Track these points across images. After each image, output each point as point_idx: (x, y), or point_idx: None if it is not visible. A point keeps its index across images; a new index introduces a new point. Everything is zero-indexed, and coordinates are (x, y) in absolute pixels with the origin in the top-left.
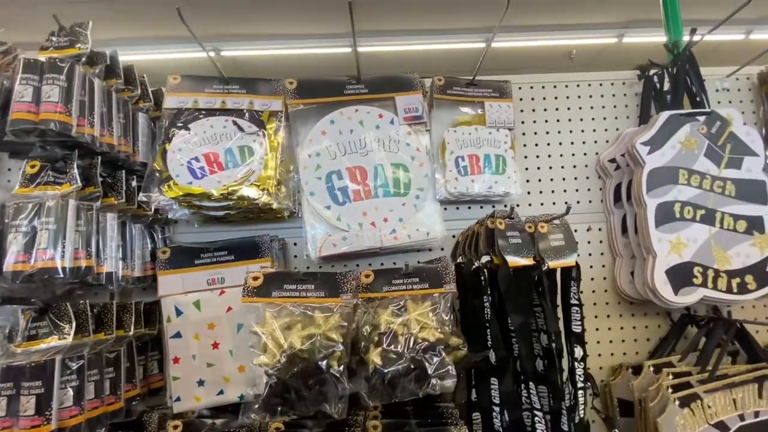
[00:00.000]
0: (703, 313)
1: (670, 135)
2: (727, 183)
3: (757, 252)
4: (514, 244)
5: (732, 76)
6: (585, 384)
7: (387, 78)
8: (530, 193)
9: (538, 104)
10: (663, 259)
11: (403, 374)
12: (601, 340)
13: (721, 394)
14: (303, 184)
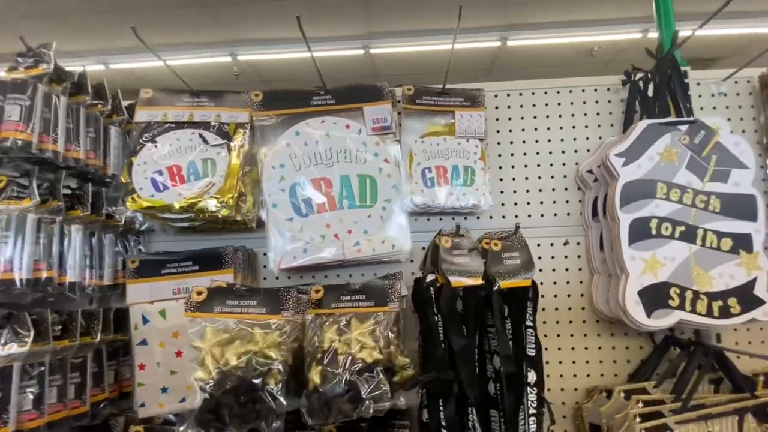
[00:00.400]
0: (689, 336)
1: (648, 146)
2: (711, 197)
3: (744, 273)
4: (459, 263)
5: (729, 79)
6: (538, 410)
7: (355, 87)
8: (504, 205)
9: (516, 112)
10: (636, 279)
11: (339, 395)
12: (577, 360)
13: (695, 425)
14: (266, 196)
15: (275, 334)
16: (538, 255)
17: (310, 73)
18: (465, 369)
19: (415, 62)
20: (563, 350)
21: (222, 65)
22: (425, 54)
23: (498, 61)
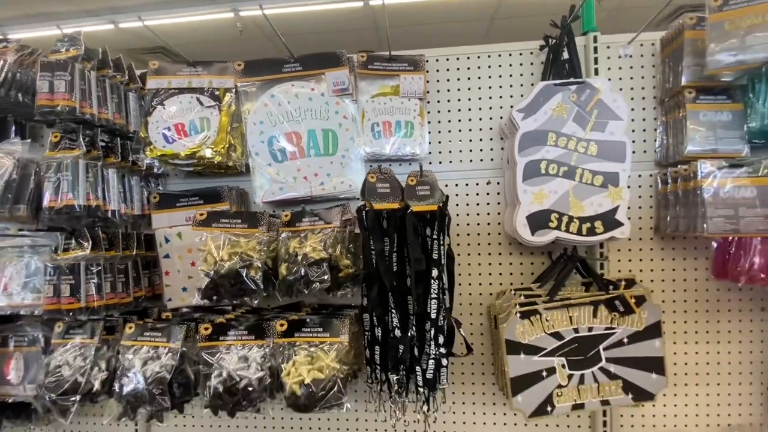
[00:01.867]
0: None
1: (543, 103)
2: (590, 144)
3: (609, 202)
4: (382, 193)
5: (634, 42)
6: (438, 296)
7: (318, 55)
8: (441, 153)
9: (452, 74)
10: (526, 207)
11: (297, 280)
12: (493, 272)
13: (559, 312)
14: (250, 146)
15: (254, 241)
16: (467, 192)
17: (311, 26)
18: (382, 265)
19: (415, 12)
20: (482, 264)
21: (225, 21)
22: (427, 5)
23: (500, 11)
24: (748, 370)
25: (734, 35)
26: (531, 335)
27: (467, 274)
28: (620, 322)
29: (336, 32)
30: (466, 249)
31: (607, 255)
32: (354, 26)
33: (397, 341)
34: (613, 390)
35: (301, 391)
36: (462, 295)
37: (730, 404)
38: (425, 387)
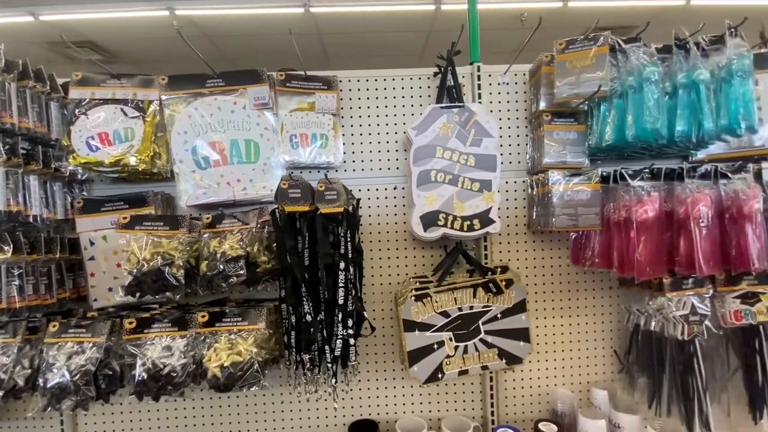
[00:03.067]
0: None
1: (432, 122)
2: (469, 156)
3: (484, 204)
4: (293, 197)
5: (510, 72)
6: (346, 286)
7: (240, 72)
8: (355, 162)
9: (363, 94)
10: (419, 209)
11: (215, 275)
12: (400, 264)
13: (446, 294)
14: (174, 154)
15: (176, 241)
16: (377, 196)
17: (251, 28)
18: (294, 260)
19: (356, 22)
20: (391, 258)
21: (161, 19)
22: (366, 14)
23: (436, 23)
24: (601, 337)
25: (572, 73)
26: (424, 315)
27: (378, 266)
28: (494, 300)
29: (279, 35)
30: (377, 245)
31: (489, 246)
32: (296, 30)
33: (308, 325)
34: (490, 357)
35: (221, 374)
36: (374, 285)
37: (589, 366)
38: (333, 363)
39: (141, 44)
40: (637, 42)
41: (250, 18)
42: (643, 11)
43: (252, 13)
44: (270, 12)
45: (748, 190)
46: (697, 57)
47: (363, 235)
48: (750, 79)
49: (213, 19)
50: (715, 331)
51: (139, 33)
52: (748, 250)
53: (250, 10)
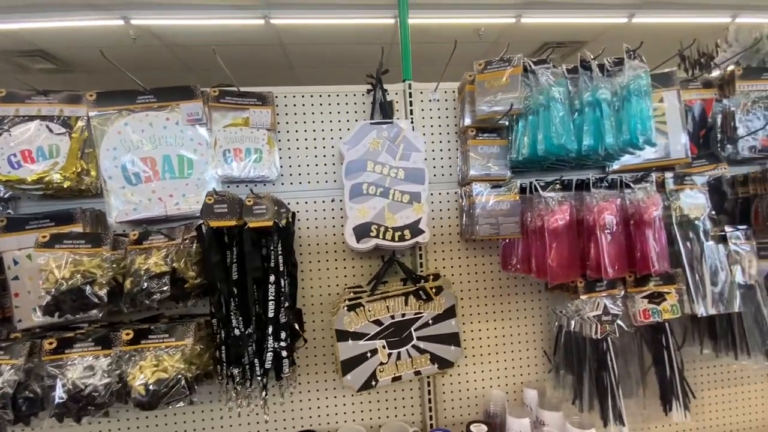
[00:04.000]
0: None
1: (362, 137)
2: (399, 170)
3: (414, 215)
4: (219, 212)
5: (440, 89)
6: (276, 299)
7: (173, 88)
8: (292, 175)
9: (300, 109)
10: (352, 220)
11: (138, 292)
12: (339, 275)
13: (378, 303)
14: (103, 171)
15: (98, 259)
16: (315, 208)
17: (212, 39)
18: (220, 274)
19: (319, 33)
20: (330, 269)
21: (117, 29)
22: (327, 26)
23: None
24: (533, 338)
25: (491, 92)
26: (357, 324)
27: (318, 278)
28: (425, 307)
29: (242, 46)
30: (316, 256)
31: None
32: (260, 41)
33: (237, 339)
34: (423, 362)
35: (145, 391)
36: (314, 296)
37: (522, 366)
38: (263, 377)
39: (96, 53)
40: (546, 64)
41: (210, 28)
42: (591, 27)
43: (211, 24)
44: (230, 23)
45: (648, 199)
46: (600, 77)
47: (302, 247)
48: (647, 97)
49: (171, 29)
50: (628, 330)
51: (94, 42)
52: (649, 254)
53: (209, 20)
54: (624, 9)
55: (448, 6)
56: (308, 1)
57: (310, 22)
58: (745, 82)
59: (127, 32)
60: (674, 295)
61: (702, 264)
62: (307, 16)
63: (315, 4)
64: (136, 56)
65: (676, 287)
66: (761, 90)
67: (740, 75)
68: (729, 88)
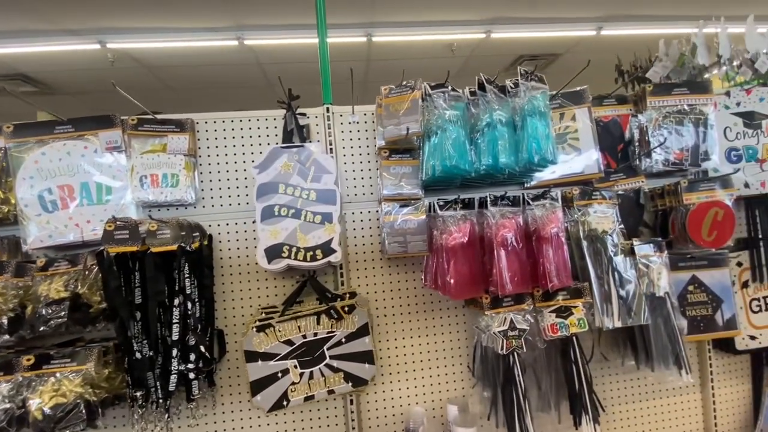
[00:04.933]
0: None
1: (273, 161)
2: (311, 192)
3: (326, 235)
4: (119, 238)
5: (360, 112)
6: (180, 321)
7: (93, 117)
8: (213, 198)
9: (220, 134)
10: (263, 242)
11: (37, 318)
12: (261, 295)
13: (289, 323)
14: (19, 199)
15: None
16: (236, 230)
17: (189, 60)
18: (119, 299)
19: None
20: (252, 289)
21: (95, 52)
22: (302, 45)
23: (372, 54)
24: (457, 354)
25: (395, 115)
26: (266, 344)
27: (239, 298)
28: (338, 326)
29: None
30: (237, 277)
31: (343, 273)
32: (237, 61)
33: (138, 363)
34: (336, 381)
35: (41, 416)
36: (236, 317)
37: (448, 382)
38: (165, 399)
39: (77, 75)
40: (444, 88)
41: (187, 50)
42: (562, 40)
43: (188, 45)
44: (206, 44)
45: (547, 215)
46: (494, 100)
47: (223, 268)
48: (543, 118)
49: (147, 51)
50: (540, 345)
51: (74, 65)
52: (547, 269)
53: (184, 42)
54: (591, 22)
55: (417, 24)
56: (280, 23)
57: (284, 42)
58: (656, 98)
59: (105, 55)
60: (581, 309)
61: (609, 277)
62: (279, 37)
63: (286, 25)
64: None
65: (583, 301)
66: (672, 105)
67: (651, 91)
68: (642, 104)
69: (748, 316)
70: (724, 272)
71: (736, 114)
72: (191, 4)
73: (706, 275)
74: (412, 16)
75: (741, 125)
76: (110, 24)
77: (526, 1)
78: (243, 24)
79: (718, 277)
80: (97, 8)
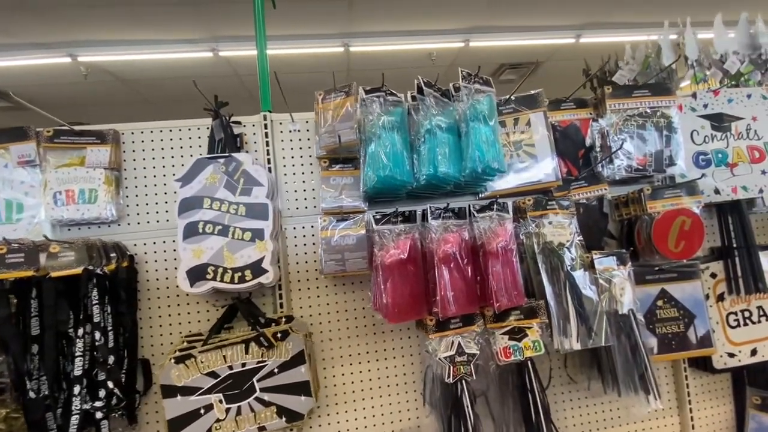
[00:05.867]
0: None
1: (198, 173)
2: (240, 206)
3: (257, 253)
4: (12, 263)
5: (302, 120)
6: (83, 353)
7: (4, 130)
8: (139, 215)
9: (147, 145)
10: (186, 263)
11: None
12: (192, 320)
13: (214, 353)
14: None
15: None
16: (164, 249)
17: (165, 72)
18: (8, 330)
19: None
20: (182, 314)
21: (67, 66)
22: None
23: (352, 63)
24: (410, 380)
25: (330, 123)
26: (187, 377)
27: (167, 324)
28: (269, 355)
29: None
30: (165, 301)
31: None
32: (215, 72)
33: (33, 402)
34: (268, 416)
35: None
36: (164, 345)
37: (401, 411)
38: None
39: (49, 90)
40: (380, 92)
41: (162, 62)
42: (541, 48)
43: (162, 58)
44: (181, 56)
45: (494, 228)
46: (434, 105)
47: (149, 291)
48: (487, 123)
49: (122, 64)
50: (493, 371)
51: (47, 80)
52: (494, 288)
53: (157, 55)
54: (569, 30)
55: (395, 33)
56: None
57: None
58: (616, 100)
59: (78, 69)
60: (536, 330)
61: (567, 294)
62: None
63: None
64: (91, 93)
65: (539, 321)
66: (632, 108)
67: (610, 94)
68: (602, 108)
69: (725, 332)
70: (696, 285)
71: (703, 116)
72: (162, 15)
73: (676, 288)
74: (389, 25)
75: (709, 128)
76: (80, 36)
77: (503, 10)
78: (217, 35)
79: (690, 290)
80: (65, 20)
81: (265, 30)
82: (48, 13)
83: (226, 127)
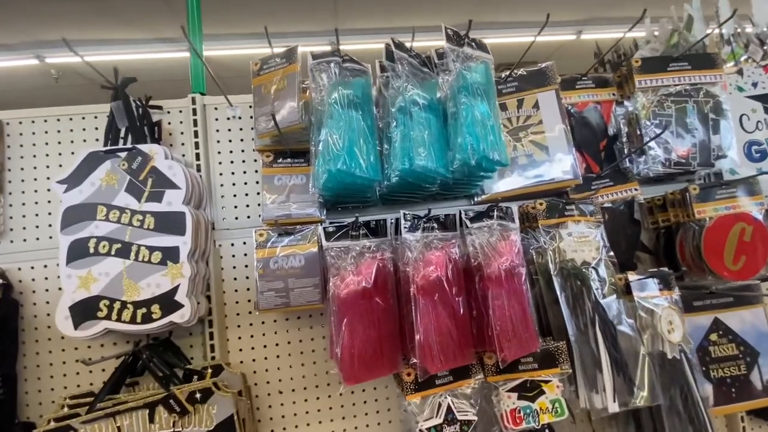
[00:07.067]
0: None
1: (90, 172)
2: (147, 216)
3: (168, 281)
4: None
5: (243, 105)
6: None
7: None
8: (26, 228)
9: (39, 139)
10: (69, 295)
11: None
12: (95, 368)
13: (102, 422)
14: None
15: None
16: (57, 274)
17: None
18: None
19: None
20: (69, 363)
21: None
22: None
23: None
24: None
25: (268, 100)
26: None
27: (61, 374)
28: (185, 423)
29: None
30: (58, 343)
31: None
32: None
33: None
34: None
35: None
36: (55, 401)
37: None
38: None
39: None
40: (333, 56)
41: (137, 63)
42: (544, 45)
43: (136, 58)
44: (158, 57)
45: (494, 243)
46: (407, 74)
47: (37, 330)
48: (482, 99)
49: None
50: None
51: (17, 84)
52: (495, 330)
53: (130, 55)
54: (570, 26)
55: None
56: (232, 32)
57: (238, 53)
58: (646, 76)
59: (48, 71)
60: (555, 386)
61: (596, 331)
62: (232, 47)
63: (237, 34)
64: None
65: (559, 372)
66: (668, 86)
67: (639, 68)
68: (628, 86)
69: None
70: (759, 312)
71: (754, 97)
72: (131, 13)
73: (734, 318)
74: (378, 22)
75: (761, 111)
76: (46, 36)
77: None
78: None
79: (751, 319)
80: (27, 19)
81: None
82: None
83: (132, 110)
